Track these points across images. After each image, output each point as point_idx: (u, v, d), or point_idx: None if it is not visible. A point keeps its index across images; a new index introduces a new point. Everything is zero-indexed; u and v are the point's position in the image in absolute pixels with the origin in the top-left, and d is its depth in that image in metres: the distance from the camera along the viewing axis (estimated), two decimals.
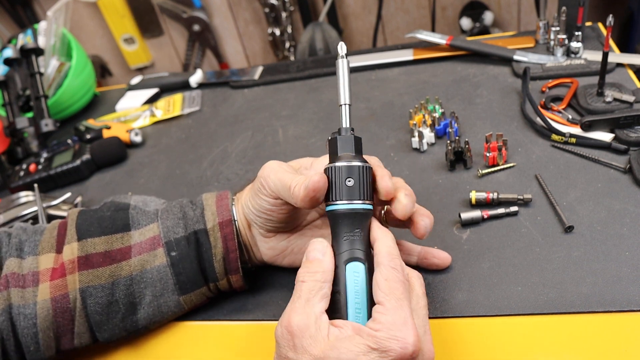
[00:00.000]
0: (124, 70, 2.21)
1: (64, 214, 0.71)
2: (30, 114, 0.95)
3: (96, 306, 0.47)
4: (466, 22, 1.78)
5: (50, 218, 0.70)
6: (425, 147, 0.69)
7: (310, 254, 0.41)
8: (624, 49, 1.61)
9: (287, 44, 1.95)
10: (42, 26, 1.08)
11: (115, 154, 0.85)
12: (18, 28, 2.03)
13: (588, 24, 0.86)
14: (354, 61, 0.95)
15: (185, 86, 1.05)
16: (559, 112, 0.69)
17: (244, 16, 2.00)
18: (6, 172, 0.89)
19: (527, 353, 0.43)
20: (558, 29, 0.79)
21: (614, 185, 0.56)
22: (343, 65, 0.44)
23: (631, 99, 0.66)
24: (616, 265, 0.48)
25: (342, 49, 0.44)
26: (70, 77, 1.02)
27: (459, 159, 0.64)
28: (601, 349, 0.42)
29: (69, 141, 0.89)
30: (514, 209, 0.56)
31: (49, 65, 1.03)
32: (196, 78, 1.04)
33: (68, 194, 0.74)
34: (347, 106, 0.44)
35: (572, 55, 0.79)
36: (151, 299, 0.49)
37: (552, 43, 0.81)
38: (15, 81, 1.00)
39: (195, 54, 2.09)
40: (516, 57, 0.82)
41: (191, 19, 1.97)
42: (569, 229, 0.52)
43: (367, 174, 0.42)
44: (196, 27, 1.98)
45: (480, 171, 0.62)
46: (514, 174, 0.61)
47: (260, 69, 1.03)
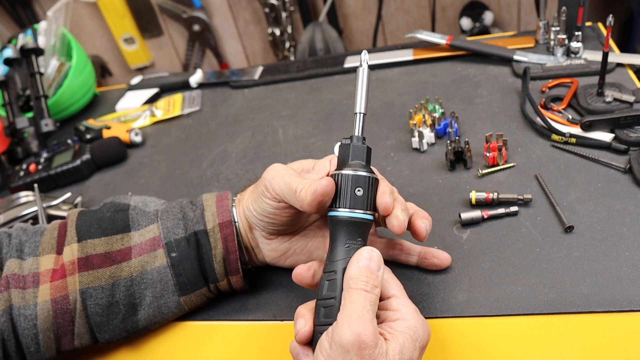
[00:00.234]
0: (124, 70, 2.21)
1: (64, 214, 0.71)
2: (30, 114, 0.95)
3: (96, 307, 0.47)
4: (466, 22, 1.78)
5: (50, 218, 0.70)
6: (425, 147, 0.69)
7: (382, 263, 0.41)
8: (624, 49, 1.61)
9: (287, 44, 1.95)
10: (42, 26, 1.08)
11: (115, 154, 0.85)
12: (18, 28, 2.03)
13: (588, 24, 0.86)
14: (354, 61, 0.95)
15: (185, 86, 1.05)
16: (559, 112, 0.69)
17: (244, 16, 2.00)
18: (6, 172, 0.89)
19: (527, 353, 0.43)
20: (558, 29, 0.79)
21: (614, 185, 0.56)
22: (364, 74, 0.43)
23: (631, 99, 0.66)
24: (616, 265, 0.48)
25: (365, 56, 0.44)
26: (70, 77, 1.02)
27: (459, 159, 0.64)
28: (601, 349, 0.42)
29: (69, 141, 0.89)
30: (514, 209, 0.56)
31: (49, 65, 1.03)
32: (196, 78, 1.04)
33: (68, 194, 0.74)
34: (362, 115, 0.43)
35: (572, 55, 0.79)
36: (151, 299, 0.49)
37: (552, 43, 0.81)
38: (15, 81, 1.00)
39: (195, 54, 2.09)
40: (516, 57, 0.82)
41: (191, 19, 1.97)
42: (569, 229, 0.52)
43: (374, 186, 0.43)
44: (196, 27, 1.98)
45: (480, 171, 0.62)
46: (514, 174, 0.61)
47: (260, 69, 1.03)
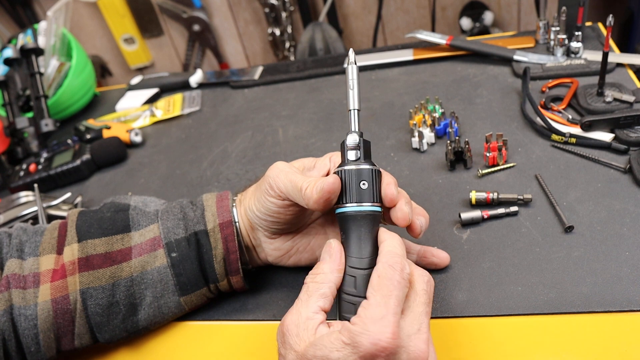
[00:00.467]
0: (124, 70, 2.21)
1: (64, 214, 0.71)
2: (30, 114, 0.95)
3: (97, 307, 0.47)
4: (466, 22, 1.78)
5: (50, 218, 0.70)
6: (425, 147, 0.69)
7: (320, 256, 0.42)
8: (624, 49, 1.61)
9: (287, 44, 1.95)
10: (42, 26, 1.08)
11: (115, 154, 0.85)
12: (18, 28, 2.03)
13: (588, 24, 0.86)
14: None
15: (185, 86, 1.05)
16: (559, 112, 0.69)
17: (244, 16, 2.00)
18: (6, 172, 0.89)
19: (527, 353, 0.43)
20: (558, 29, 0.79)
21: (614, 185, 0.56)
22: (353, 72, 0.45)
23: (631, 99, 0.66)
24: (616, 265, 0.48)
25: (352, 55, 0.45)
26: (70, 77, 1.02)
27: (459, 159, 0.64)
28: (601, 349, 0.42)
29: (69, 141, 0.89)
30: (514, 209, 0.56)
31: (49, 65, 1.03)
32: (196, 78, 1.04)
33: (68, 194, 0.74)
34: (355, 111, 0.45)
35: (572, 55, 0.79)
36: (152, 300, 0.49)
37: (552, 43, 0.81)
38: (15, 81, 1.00)
39: (195, 54, 2.09)
40: (516, 57, 0.82)
41: (191, 19, 1.97)
42: (569, 229, 0.52)
43: (378, 177, 0.43)
44: (196, 27, 1.98)
45: (480, 171, 0.62)
46: (514, 174, 0.61)
47: (260, 69, 1.03)
